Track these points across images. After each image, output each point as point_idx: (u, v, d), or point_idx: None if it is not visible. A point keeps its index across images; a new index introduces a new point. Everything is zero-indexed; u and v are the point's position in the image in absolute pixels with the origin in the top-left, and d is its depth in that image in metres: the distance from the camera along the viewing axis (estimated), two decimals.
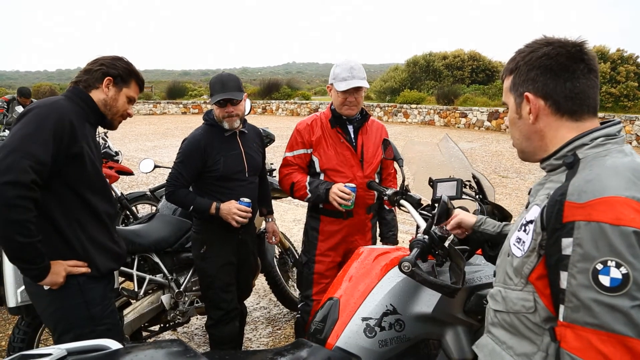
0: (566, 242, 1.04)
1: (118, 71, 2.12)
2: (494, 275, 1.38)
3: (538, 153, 1.26)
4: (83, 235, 1.99)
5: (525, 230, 1.17)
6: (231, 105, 2.64)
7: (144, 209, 5.67)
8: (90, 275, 2.01)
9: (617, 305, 0.96)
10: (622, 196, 1.00)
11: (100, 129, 4.34)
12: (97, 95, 2.10)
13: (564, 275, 1.04)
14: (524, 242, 1.17)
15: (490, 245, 1.75)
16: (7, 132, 6.80)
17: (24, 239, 1.75)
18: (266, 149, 3.13)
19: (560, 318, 1.05)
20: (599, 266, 0.98)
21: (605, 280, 0.97)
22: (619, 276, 0.96)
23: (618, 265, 0.96)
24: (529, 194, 1.32)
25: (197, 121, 3.00)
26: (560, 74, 1.17)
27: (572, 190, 1.06)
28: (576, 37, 1.20)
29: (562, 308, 1.05)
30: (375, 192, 2.77)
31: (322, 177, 2.79)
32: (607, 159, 1.11)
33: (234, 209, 2.64)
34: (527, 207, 1.29)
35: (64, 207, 1.94)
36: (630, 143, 14.14)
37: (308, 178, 2.78)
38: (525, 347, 1.18)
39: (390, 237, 3.03)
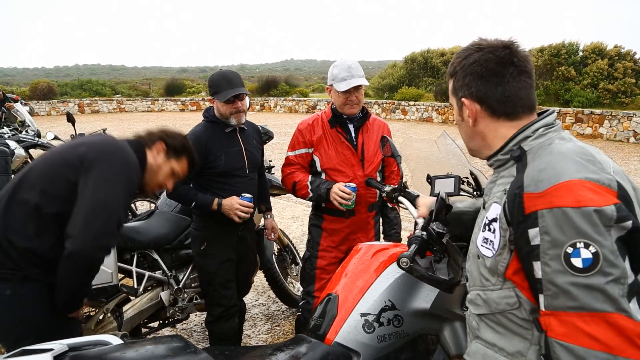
0: (533, 232, 1.06)
1: (174, 142, 2.20)
2: (466, 280, 1.39)
3: (483, 151, 1.32)
4: None
5: (490, 229, 1.19)
6: (239, 101, 2.66)
7: (142, 206, 5.67)
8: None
9: (593, 284, 0.98)
10: (576, 179, 1.03)
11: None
12: (148, 156, 2.14)
13: (537, 265, 1.06)
14: (491, 241, 1.19)
15: (445, 222, 1.82)
16: (5, 129, 6.78)
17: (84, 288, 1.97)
18: (265, 146, 3.14)
19: (542, 307, 1.06)
20: (569, 249, 1.00)
21: (577, 262, 1.00)
22: (590, 256, 0.99)
23: (587, 246, 0.99)
24: (482, 194, 1.35)
25: (195, 118, 3.01)
26: (490, 79, 1.22)
27: (528, 182, 1.09)
28: (507, 39, 1.24)
29: (541, 297, 1.06)
30: (377, 190, 2.78)
31: (323, 176, 2.81)
32: (552, 147, 1.15)
33: (236, 205, 2.66)
34: (484, 206, 1.31)
35: None
36: (628, 140, 14.17)
37: (310, 177, 2.80)
38: (517, 344, 1.18)
39: (393, 234, 3.04)
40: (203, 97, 26.88)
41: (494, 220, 1.18)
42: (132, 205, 5.18)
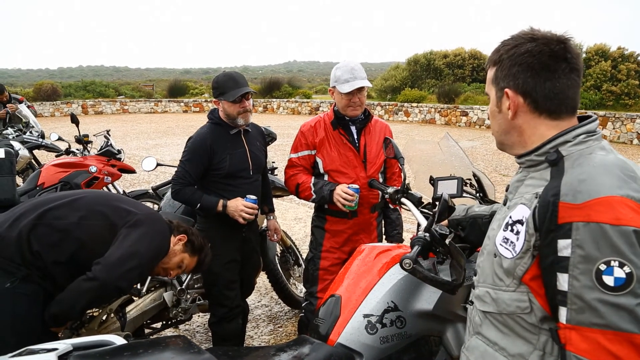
0: (563, 243, 1.02)
1: (195, 240, 2.40)
2: (475, 275, 1.36)
3: (516, 147, 1.26)
4: None
5: (512, 230, 1.16)
6: (245, 101, 2.68)
7: None
8: None
9: (622, 304, 0.96)
10: (618, 195, 1.00)
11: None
12: (171, 240, 2.34)
13: (563, 277, 1.03)
14: (512, 242, 1.15)
15: (462, 228, 1.84)
16: (10, 130, 6.80)
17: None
18: (268, 148, 3.15)
19: (563, 321, 1.04)
20: (602, 267, 0.98)
21: (609, 280, 0.97)
22: (623, 275, 0.96)
23: (621, 265, 0.96)
24: (506, 190, 1.31)
25: (199, 119, 3.02)
26: (541, 73, 1.16)
27: (566, 191, 1.05)
28: (562, 33, 1.18)
29: (564, 310, 1.03)
30: (380, 192, 2.79)
31: (326, 178, 2.81)
32: (593, 157, 1.10)
33: (241, 206, 2.66)
34: (505, 203, 1.28)
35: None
36: (632, 142, 14.13)
37: (313, 179, 2.80)
38: (520, 347, 1.16)
39: (395, 235, 3.05)
40: (206, 99, 26.93)
41: (519, 222, 1.14)
42: None
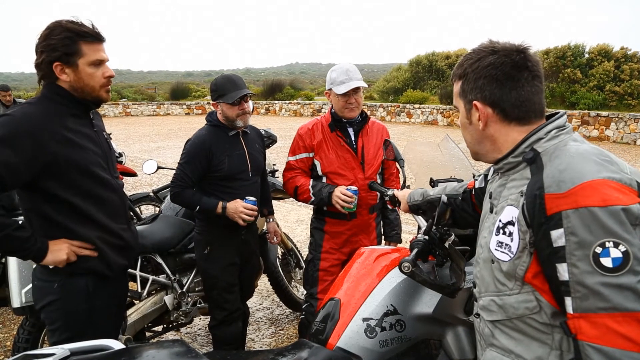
0: (556, 233, 1.03)
1: (58, 50, 1.79)
2: (474, 287, 1.36)
3: (490, 154, 1.30)
4: (95, 234, 1.94)
5: (505, 233, 1.17)
6: (244, 103, 2.68)
7: (147, 210, 5.68)
8: (102, 274, 1.97)
9: (624, 283, 0.97)
10: (600, 178, 1.02)
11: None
12: (63, 84, 1.86)
13: (562, 267, 1.03)
14: (507, 245, 1.16)
15: (422, 212, 1.94)
16: None
17: None
18: (269, 150, 3.15)
19: (570, 310, 1.04)
20: (598, 249, 0.98)
21: (607, 261, 0.98)
22: (619, 255, 0.97)
23: (616, 245, 0.97)
24: (490, 197, 1.32)
25: (201, 122, 3.02)
26: (506, 83, 1.19)
27: (549, 182, 1.07)
28: (520, 42, 1.22)
29: (569, 300, 1.03)
30: (377, 193, 2.79)
31: (324, 180, 2.82)
32: (568, 148, 1.13)
33: (241, 208, 2.66)
34: (491, 210, 1.29)
35: (56, 210, 1.86)
36: (635, 142, 14.09)
37: (311, 181, 2.81)
38: (536, 350, 1.16)
39: (393, 236, 3.05)
40: (208, 101, 26.98)
41: (510, 223, 1.15)
42: (137, 209, 5.19)
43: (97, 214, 1.93)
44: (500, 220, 1.19)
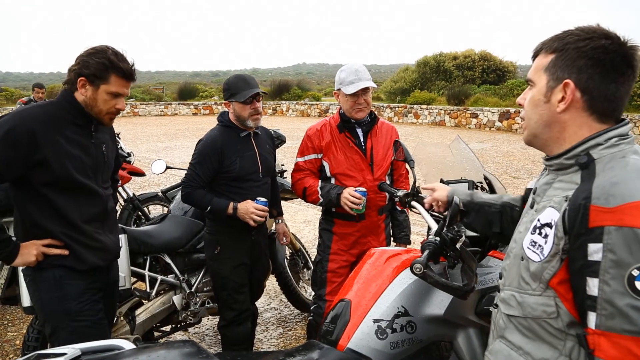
0: (594, 247, 1.00)
1: (91, 69, 1.98)
2: (500, 278, 1.35)
3: (550, 145, 1.20)
4: (64, 231, 2.03)
5: (540, 234, 1.13)
6: (256, 102, 2.68)
7: (155, 210, 5.70)
8: (71, 268, 2.04)
9: None
10: None
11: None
12: (79, 96, 2.03)
13: (593, 282, 1.00)
14: (540, 246, 1.13)
15: (466, 213, 1.79)
16: None
17: None
18: (277, 150, 3.15)
19: (592, 326, 1.01)
20: (635, 272, 0.96)
21: None
22: None
23: None
24: (533, 193, 1.27)
25: (208, 122, 3.02)
26: (611, 73, 1.10)
27: (598, 194, 1.02)
28: (632, 40, 1.13)
29: (593, 315, 1.01)
30: (387, 194, 2.77)
31: (333, 181, 2.81)
32: (626, 160, 1.07)
33: (252, 209, 2.66)
34: (532, 206, 1.25)
35: (39, 207, 1.99)
36: None
37: (320, 183, 2.80)
38: (545, 352, 1.14)
39: (402, 237, 3.03)
40: (216, 101, 27.07)
41: (548, 225, 1.12)
42: (145, 209, 5.21)
43: (66, 212, 2.02)
44: (538, 220, 1.15)
